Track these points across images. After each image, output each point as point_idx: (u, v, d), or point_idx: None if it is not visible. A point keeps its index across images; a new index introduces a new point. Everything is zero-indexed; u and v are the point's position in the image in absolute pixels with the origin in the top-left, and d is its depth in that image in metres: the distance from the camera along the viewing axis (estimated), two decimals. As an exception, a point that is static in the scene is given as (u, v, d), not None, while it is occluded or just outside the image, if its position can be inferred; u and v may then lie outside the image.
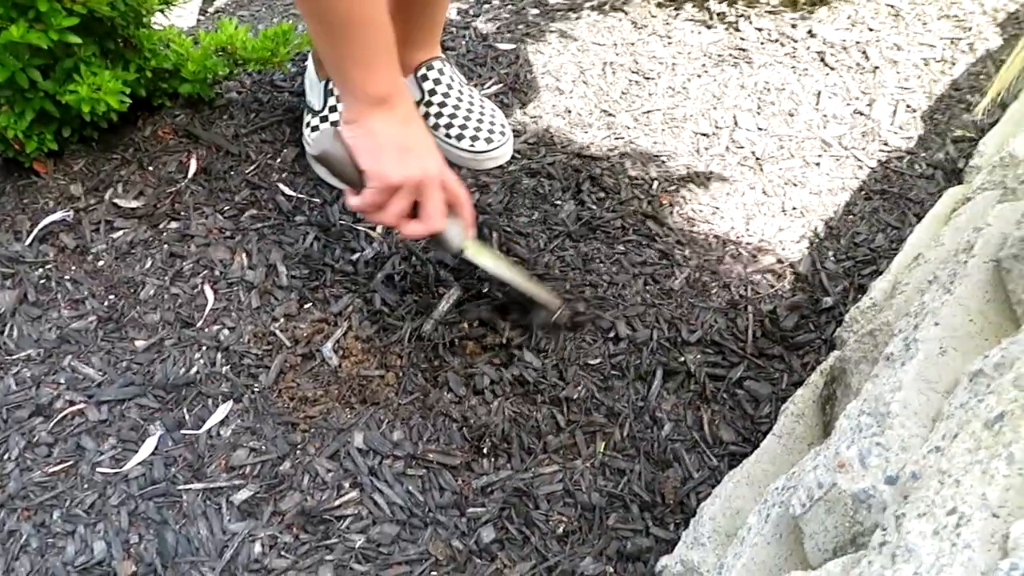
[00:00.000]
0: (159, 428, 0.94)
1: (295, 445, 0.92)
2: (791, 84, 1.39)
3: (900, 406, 0.57)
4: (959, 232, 0.89)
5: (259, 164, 1.24)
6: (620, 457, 0.92)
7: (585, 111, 1.36)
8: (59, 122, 1.19)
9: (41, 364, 1.01)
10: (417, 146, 0.89)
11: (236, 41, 1.23)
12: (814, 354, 1.02)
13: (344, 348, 1.01)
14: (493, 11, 1.60)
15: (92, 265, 1.11)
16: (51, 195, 1.19)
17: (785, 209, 1.18)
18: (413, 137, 0.89)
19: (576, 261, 1.11)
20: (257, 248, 1.13)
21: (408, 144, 0.88)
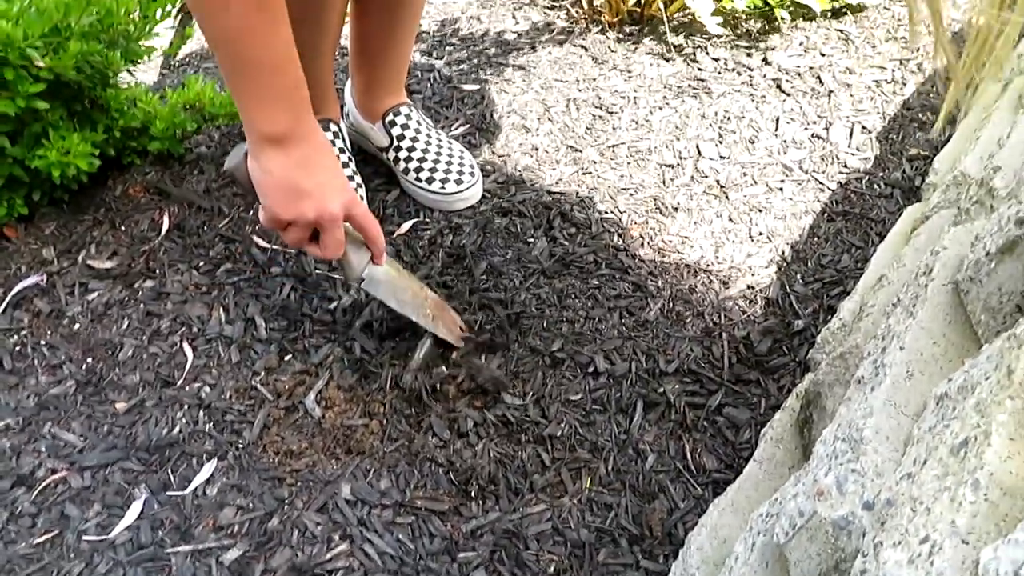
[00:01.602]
0: (144, 491, 0.94)
1: (282, 500, 0.92)
2: (750, 112, 1.43)
3: (872, 431, 0.59)
4: (919, 253, 0.93)
5: (232, 217, 1.25)
6: (606, 492, 0.93)
7: (552, 148, 1.38)
8: (29, 186, 1.20)
9: (21, 433, 1.00)
10: (315, 189, 0.88)
11: (204, 97, 1.24)
12: (789, 377, 1.04)
13: (327, 399, 1.02)
14: (456, 52, 1.63)
15: (68, 329, 1.11)
16: (23, 260, 1.19)
17: (752, 235, 1.21)
18: (311, 179, 0.88)
19: (552, 298, 1.13)
20: (234, 302, 1.13)
21: (303, 186, 0.87)
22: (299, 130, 0.87)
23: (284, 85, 0.84)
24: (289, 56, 0.83)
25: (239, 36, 0.80)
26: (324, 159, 0.90)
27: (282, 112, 0.85)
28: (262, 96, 0.84)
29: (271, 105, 0.85)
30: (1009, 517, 0.40)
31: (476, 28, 1.70)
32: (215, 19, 0.79)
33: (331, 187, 0.89)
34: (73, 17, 1.07)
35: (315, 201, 0.88)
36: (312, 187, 0.88)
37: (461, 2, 1.79)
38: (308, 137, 0.88)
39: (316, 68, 1.19)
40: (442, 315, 1.06)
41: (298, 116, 0.87)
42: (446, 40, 1.67)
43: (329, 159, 0.91)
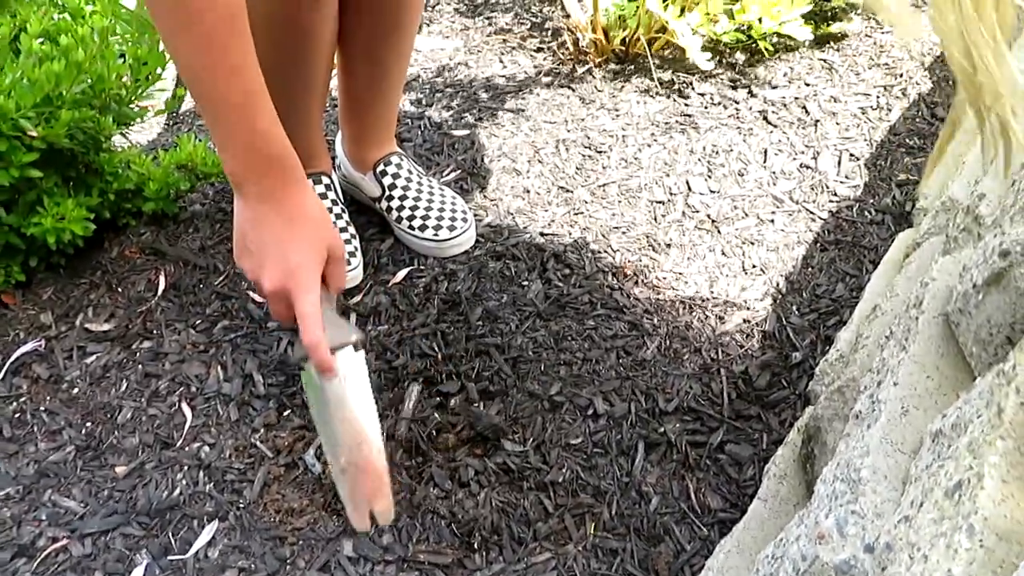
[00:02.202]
0: (145, 556, 0.93)
1: (284, 560, 0.91)
2: (738, 145, 1.44)
3: (870, 471, 0.59)
4: (911, 282, 0.93)
5: (227, 274, 1.26)
6: (611, 537, 0.92)
7: (543, 189, 1.39)
8: (25, 253, 1.21)
9: (21, 501, 1.00)
10: (258, 251, 0.85)
11: (196, 157, 1.26)
12: (790, 410, 1.03)
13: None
14: (445, 99, 1.65)
15: (67, 393, 1.11)
16: (21, 326, 1.20)
17: (745, 268, 1.22)
18: (258, 240, 0.85)
19: (548, 340, 1.13)
20: (232, 359, 1.13)
21: (246, 243, 0.86)
22: (256, 187, 0.84)
23: (235, 136, 0.82)
24: (242, 109, 0.80)
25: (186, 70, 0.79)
26: (282, 227, 0.84)
27: (233, 161, 0.83)
28: (215, 137, 0.83)
29: (222, 151, 0.83)
30: (1005, 564, 0.39)
31: (464, 74, 1.72)
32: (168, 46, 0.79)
33: (270, 259, 0.84)
34: (64, 86, 1.09)
35: (252, 263, 0.85)
36: (255, 248, 0.85)
37: (449, 48, 1.82)
38: (268, 198, 0.84)
39: (305, 121, 1.21)
40: (358, 480, 0.85)
41: (254, 173, 0.83)
42: (435, 87, 1.69)
43: (290, 233, 0.84)
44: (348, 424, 0.85)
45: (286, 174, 0.85)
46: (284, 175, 0.85)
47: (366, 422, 0.86)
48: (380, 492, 0.85)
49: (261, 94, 0.82)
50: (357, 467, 0.85)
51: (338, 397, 0.85)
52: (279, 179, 0.85)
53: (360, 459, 0.85)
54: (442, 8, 1.97)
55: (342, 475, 0.86)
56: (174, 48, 0.79)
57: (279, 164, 0.84)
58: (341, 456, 0.85)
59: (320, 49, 1.11)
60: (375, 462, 0.85)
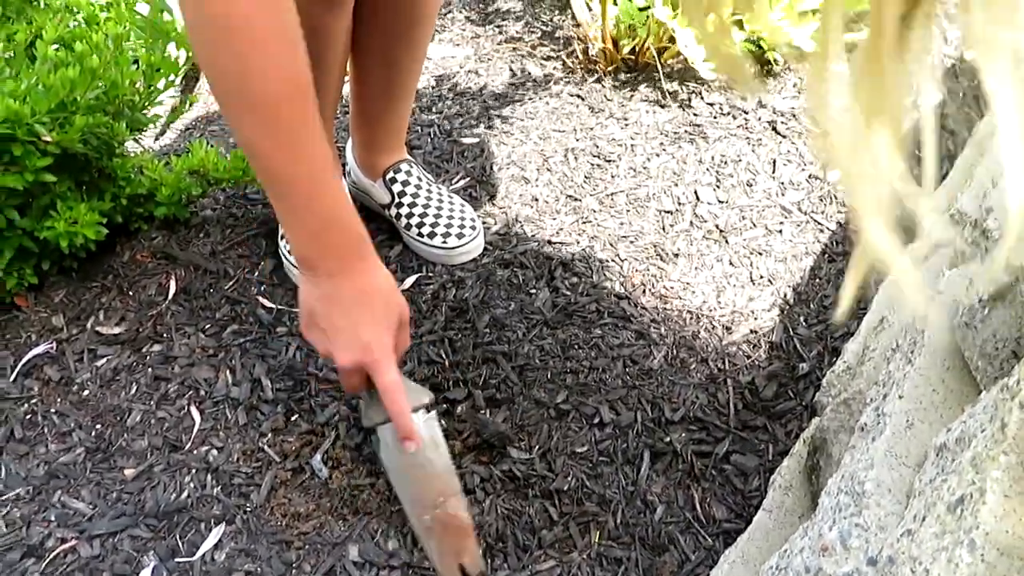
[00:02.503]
0: (153, 559, 0.94)
1: (290, 564, 0.92)
2: (747, 155, 1.44)
3: (874, 484, 0.59)
4: (918, 294, 0.93)
5: (237, 279, 1.27)
6: (616, 546, 0.93)
7: (551, 198, 1.40)
8: (38, 256, 1.22)
9: (31, 502, 1.01)
10: (328, 330, 0.85)
11: (208, 163, 1.27)
12: (796, 421, 1.03)
13: (333, 458, 1.02)
14: (455, 106, 1.66)
15: (77, 395, 1.12)
16: (33, 328, 1.21)
17: (753, 279, 1.22)
18: (328, 319, 0.85)
19: (555, 349, 1.14)
20: (240, 364, 1.14)
21: (316, 320, 0.86)
22: (324, 266, 0.83)
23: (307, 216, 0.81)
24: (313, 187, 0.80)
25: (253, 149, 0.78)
26: (354, 306, 0.84)
27: (303, 240, 0.83)
28: (283, 216, 0.83)
29: (295, 229, 0.83)
30: (1006, 578, 0.39)
31: (474, 82, 1.73)
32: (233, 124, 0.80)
33: (348, 337, 0.84)
34: (79, 92, 1.10)
35: (325, 341, 0.86)
36: (327, 327, 0.85)
37: (459, 56, 1.83)
38: (340, 277, 0.84)
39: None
40: (445, 536, 0.90)
41: (326, 251, 0.83)
42: (444, 95, 1.70)
43: (360, 309, 0.84)
44: (431, 483, 0.89)
45: (355, 251, 0.85)
46: (353, 252, 0.85)
47: (448, 479, 0.90)
48: (467, 544, 0.90)
49: (329, 174, 0.80)
50: (443, 524, 0.89)
51: (419, 459, 0.88)
52: (348, 257, 0.84)
53: (446, 516, 0.89)
54: (453, 16, 1.98)
55: (428, 532, 0.89)
56: (239, 128, 0.78)
57: (347, 242, 0.84)
58: (426, 515, 0.89)
59: (334, 54, 1.12)
60: (461, 516, 0.90)
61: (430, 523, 0.89)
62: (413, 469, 0.89)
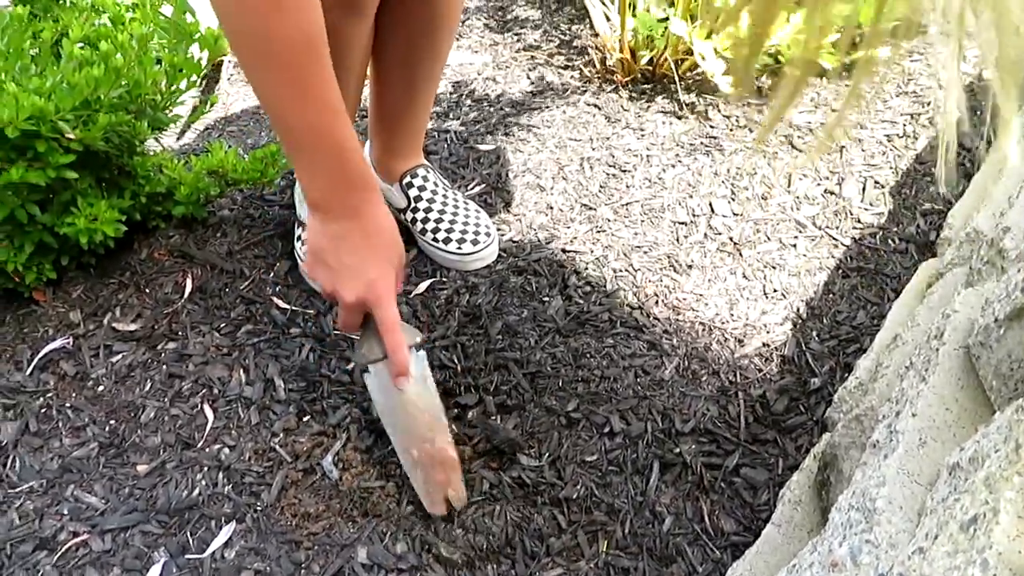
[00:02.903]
0: (163, 555, 0.94)
1: (299, 564, 0.92)
2: (762, 168, 1.44)
3: (885, 502, 0.59)
4: (933, 312, 0.93)
5: (253, 279, 1.28)
6: (623, 555, 0.93)
7: (566, 206, 1.41)
8: (57, 252, 1.23)
9: (44, 495, 1.02)
10: (337, 266, 0.88)
11: (227, 164, 1.28)
12: (807, 436, 1.03)
13: (344, 460, 1.02)
14: (472, 113, 1.67)
15: (92, 391, 1.13)
16: (51, 323, 1.22)
17: (766, 292, 1.22)
18: (336, 256, 0.88)
19: (567, 357, 1.14)
20: (254, 363, 1.15)
21: (326, 259, 0.89)
22: (340, 205, 0.87)
23: (321, 159, 0.85)
24: (327, 133, 0.83)
25: (273, 102, 0.82)
26: (361, 242, 0.89)
27: (317, 183, 0.86)
28: (299, 162, 0.86)
29: (307, 174, 0.86)
30: (1019, 599, 0.40)
31: (491, 89, 1.74)
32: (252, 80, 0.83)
33: (353, 273, 0.88)
34: (102, 90, 1.11)
35: (332, 278, 0.89)
36: (334, 263, 0.88)
37: (477, 63, 1.84)
38: (348, 215, 0.88)
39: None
40: (431, 469, 0.94)
41: (337, 192, 0.87)
42: (462, 101, 1.71)
43: (367, 244, 0.89)
44: (421, 418, 0.93)
45: (366, 190, 0.89)
46: (365, 191, 0.89)
47: (436, 415, 0.95)
48: (454, 479, 0.94)
49: (343, 114, 0.84)
50: (432, 457, 0.94)
51: (410, 394, 0.93)
52: (361, 195, 0.88)
53: (434, 450, 0.93)
54: (472, 23, 1.99)
55: (415, 467, 0.94)
56: (257, 80, 0.81)
57: (361, 181, 0.88)
58: (414, 449, 0.93)
59: (354, 58, 1.13)
60: (448, 451, 0.94)
61: (418, 456, 0.93)
62: (404, 406, 0.93)
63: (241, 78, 1.86)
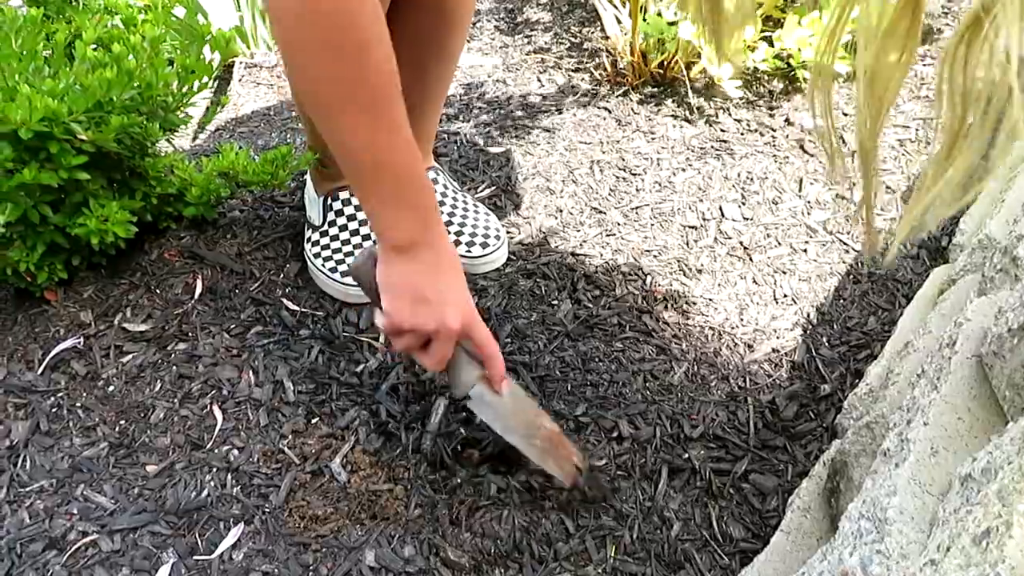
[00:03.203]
0: (172, 555, 0.95)
1: (307, 567, 0.93)
2: (773, 173, 1.44)
3: (896, 512, 0.59)
4: (945, 319, 0.92)
5: (263, 281, 1.28)
6: (631, 561, 0.93)
7: (576, 210, 1.40)
8: (69, 252, 1.24)
9: (54, 495, 1.02)
10: (438, 298, 0.87)
11: (237, 165, 1.28)
12: (817, 443, 1.03)
13: (352, 463, 1.03)
14: (482, 115, 1.67)
15: (103, 391, 1.14)
16: (62, 323, 1.23)
17: (776, 297, 1.21)
18: (435, 288, 0.87)
19: (576, 361, 1.14)
20: (264, 365, 1.15)
21: (425, 294, 0.87)
22: (426, 237, 0.86)
23: (409, 192, 0.84)
24: (411, 162, 0.82)
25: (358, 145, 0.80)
26: (449, 269, 0.89)
27: (408, 220, 0.85)
28: (395, 202, 0.84)
29: (403, 213, 0.85)
30: (1032, 614, 0.39)
31: (502, 91, 1.74)
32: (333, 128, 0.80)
33: (454, 299, 0.88)
34: (115, 92, 1.12)
35: (436, 311, 0.87)
36: (434, 296, 0.87)
37: (487, 66, 1.84)
38: (434, 244, 0.87)
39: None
40: (555, 450, 0.98)
41: (425, 223, 0.86)
42: (472, 103, 1.71)
43: (454, 270, 0.89)
44: (527, 414, 0.98)
45: (438, 212, 0.89)
46: (438, 214, 0.89)
47: (533, 402, 1.01)
48: (571, 448, 0.98)
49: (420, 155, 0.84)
50: (550, 440, 0.98)
51: (510, 396, 0.97)
52: (437, 220, 0.88)
53: (548, 433, 0.98)
54: (482, 25, 2.00)
55: (544, 454, 0.97)
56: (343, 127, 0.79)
57: (435, 204, 0.88)
58: (536, 440, 0.97)
59: None
60: (554, 426, 0.99)
61: (541, 444, 0.97)
62: (512, 407, 0.97)
63: (252, 79, 1.86)
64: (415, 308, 0.88)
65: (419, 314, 0.88)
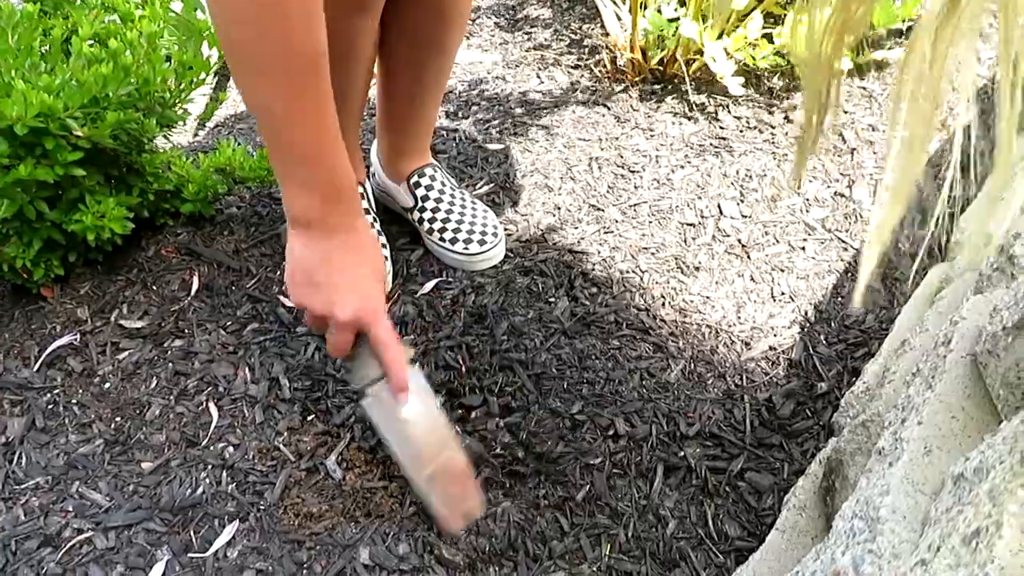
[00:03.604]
0: (166, 553, 0.95)
1: (301, 564, 0.92)
2: (772, 170, 1.43)
3: (888, 511, 0.58)
4: (942, 317, 0.92)
5: (259, 278, 1.28)
6: (626, 559, 0.92)
7: (574, 207, 1.40)
8: (65, 248, 1.24)
9: (49, 492, 1.02)
10: (328, 287, 0.86)
11: (235, 162, 1.28)
12: (813, 441, 1.02)
13: (347, 460, 1.02)
14: (481, 112, 1.66)
15: (99, 388, 1.14)
16: (58, 319, 1.23)
17: (774, 295, 1.21)
18: (327, 276, 0.86)
19: (572, 359, 1.13)
20: (259, 362, 1.15)
21: (317, 279, 0.86)
22: (328, 221, 0.85)
23: (316, 174, 0.83)
24: (324, 148, 0.81)
25: (272, 117, 0.79)
26: (351, 259, 0.87)
27: (309, 199, 0.84)
28: (291, 178, 0.84)
29: (299, 190, 0.84)
30: (1020, 615, 0.39)
31: (501, 88, 1.74)
32: (250, 95, 0.80)
33: (347, 290, 0.86)
34: (111, 88, 1.12)
35: (325, 298, 0.86)
36: (326, 284, 0.86)
37: (487, 62, 1.84)
38: (338, 232, 0.86)
39: (343, 130, 1.22)
40: (448, 484, 0.92)
41: (328, 207, 0.84)
42: (471, 100, 1.71)
43: (358, 261, 0.87)
44: (427, 434, 0.91)
45: (353, 205, 0.87)
46: (352, 207, 0.87)
47: (443, 428, 0.93)
48: (469, 489, 0.93)
49: (338, 136, 0.82)
50: (445, 471, 0.91)
51: (413, 412, 0.90)
52: (348, 212, 0.86)
53: (446, 463, 0.91)
54: (482, 22, 1.99)
55: (431, 487, 0.90)
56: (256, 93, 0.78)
57: (349, 196, 0.86)
58: (425, 468, 0.90)
59: (361, 57, 1.12)
60: (460, 462, 0.92)
61: (430, 474, 0.90)
62: (409, 423, 0.90)
63: (251, 76, 1.86)
64: (303, 288, 0.87)
65: (306, 295, 0.87)
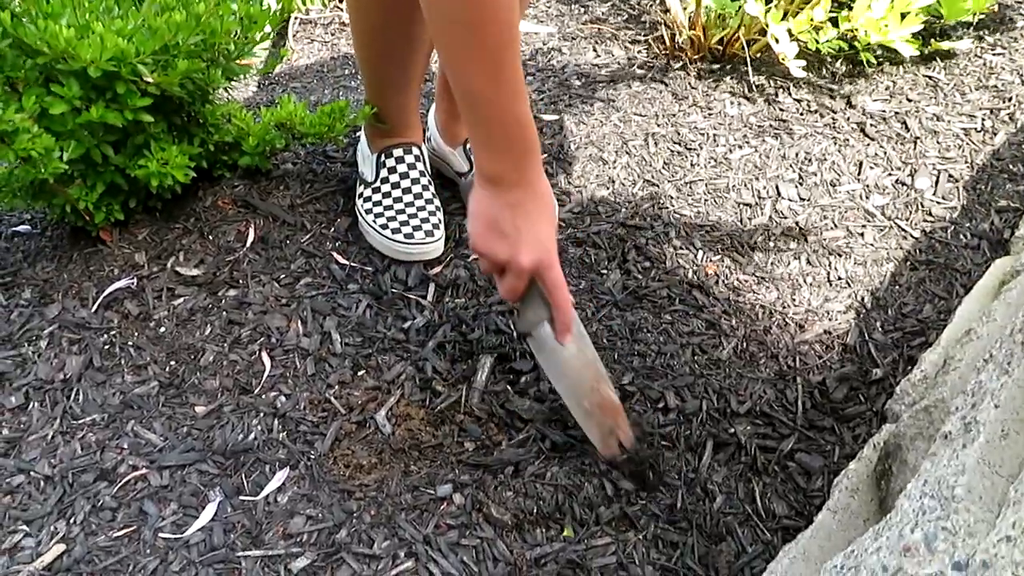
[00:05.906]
0: (219, 494, 0.96)
1: (351, 513, 0.94)
2: (832, 155, 1.41)
3: (964, 490, 0.58)
4: (1011, 308, 0.90)
5: (314, 233, 1.29)
6: (673, 530, 0.92)
7: (628, 181, 1.39)
8: (127, 194, 1.25)
9: (105, 429, 1.04)
10: (514, 233, 0.90)
11: (295, 117, 1.29)
12: (865, 426, 1.02)
13: (397, 416, 1.03)
14: (537, 83, 1.66)
15: (154, 331, 1.15)
16: (116, 263, 1.24)
17: (831, 279, 1.20)
18: (513, 223, 0.91)
19: (623, 330, 1.13)
20: (312, 316, 1.16)
21: (503, 228, 0.90)
22: (515, 176, 0.90)
23: (508, 137, 0.88)
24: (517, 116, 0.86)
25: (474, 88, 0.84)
26: (534, 209, 0.92)
27: (501, 160, 0.89)
28: (485, 142, 0.89)
29: (492, 152, 0.89)
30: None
31: (557, 60, 1.72)
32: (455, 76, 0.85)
33: (529, 238, 0.91)
34: (182, 36, 1.12)
35: (508, 246, 0.91)
36: (511, 231, 0.90)
37: (543, 33, 1.82)
38: (523, 184, 0.91)
39: (404, 89, 1.23)
40: (602, 417, 0.97)
41: (517, 164, 0.90)
42: (527, 71, 1.70)
43: (539, 212, 0.92)
44: (585, 371, 0.97)
45: (538, 161, 0.92)
46: (536, 157, 0.91)
47: (597, 366, 0.98)
48: (620, 422, 0.97)
49: (527, 99, 0.87)
50: (599, 406, 0.97)
51: (572, 351, 0.96)
52: (533, 163, 0.91)
53: (601, 397, 0.96)
54: (540, -7, 1.97)
55: (588, 417, 0.97)
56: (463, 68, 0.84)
57: (533, 148, 0.91)
58: (584, 400, 0.96)
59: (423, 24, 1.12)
60: (613, 397, 0.97)
61: (589, 407, 0.96)
62: (570, 361, 0.96)
63: (307, 35, 1.86)
64: (489, 236, 0.92)
65: (491, 243, 0.92)
